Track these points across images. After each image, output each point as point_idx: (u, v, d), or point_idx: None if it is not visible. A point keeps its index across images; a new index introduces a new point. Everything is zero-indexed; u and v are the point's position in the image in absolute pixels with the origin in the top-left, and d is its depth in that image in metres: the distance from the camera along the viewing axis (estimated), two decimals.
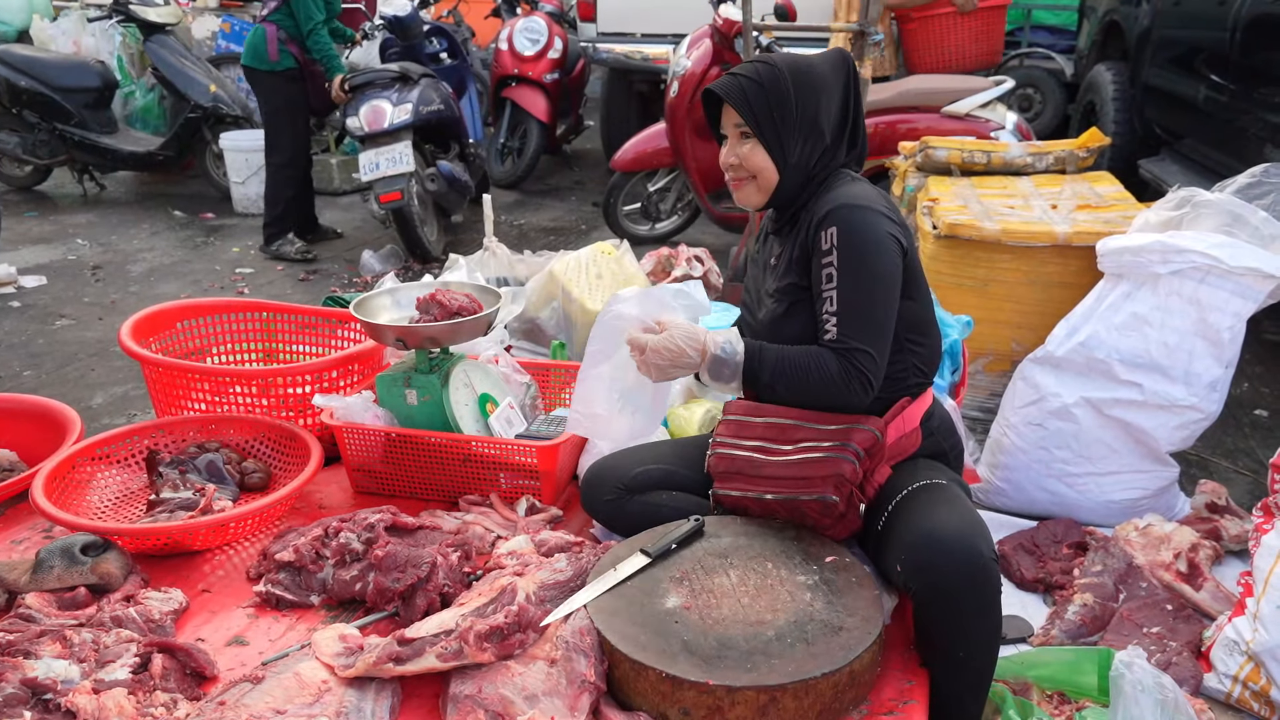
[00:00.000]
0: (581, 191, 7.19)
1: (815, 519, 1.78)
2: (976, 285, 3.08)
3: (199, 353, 2.68)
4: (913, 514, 1.66)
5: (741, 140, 1.83)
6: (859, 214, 1.73)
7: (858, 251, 1.71)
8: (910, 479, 1.76)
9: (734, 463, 1.84)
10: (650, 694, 1.51)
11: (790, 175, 1.82)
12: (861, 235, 1.72)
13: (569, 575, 1.75)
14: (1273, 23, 4.14)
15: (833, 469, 1.73)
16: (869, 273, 1.71)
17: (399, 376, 2.24)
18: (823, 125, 1.81)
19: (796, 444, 1.78)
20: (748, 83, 1.79)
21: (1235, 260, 2.54)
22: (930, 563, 1.57)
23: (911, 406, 1.85)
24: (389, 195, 4.93)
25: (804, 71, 1.80)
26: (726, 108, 1.84)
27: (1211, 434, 3.21)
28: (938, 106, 4.69)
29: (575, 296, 3.28)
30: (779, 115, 1.78)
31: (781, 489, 1.78)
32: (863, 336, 1.70)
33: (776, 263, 1.90)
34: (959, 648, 1.60)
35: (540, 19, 6.86)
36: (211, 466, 2.23)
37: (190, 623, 1.79)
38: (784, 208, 1.88)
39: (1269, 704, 2.06)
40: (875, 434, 1.75)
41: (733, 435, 1.86)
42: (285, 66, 5.16)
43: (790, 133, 1.79)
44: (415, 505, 2.18)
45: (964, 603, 1.56)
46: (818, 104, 1.80)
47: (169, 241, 5.88)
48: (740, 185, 1.87)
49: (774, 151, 1.80)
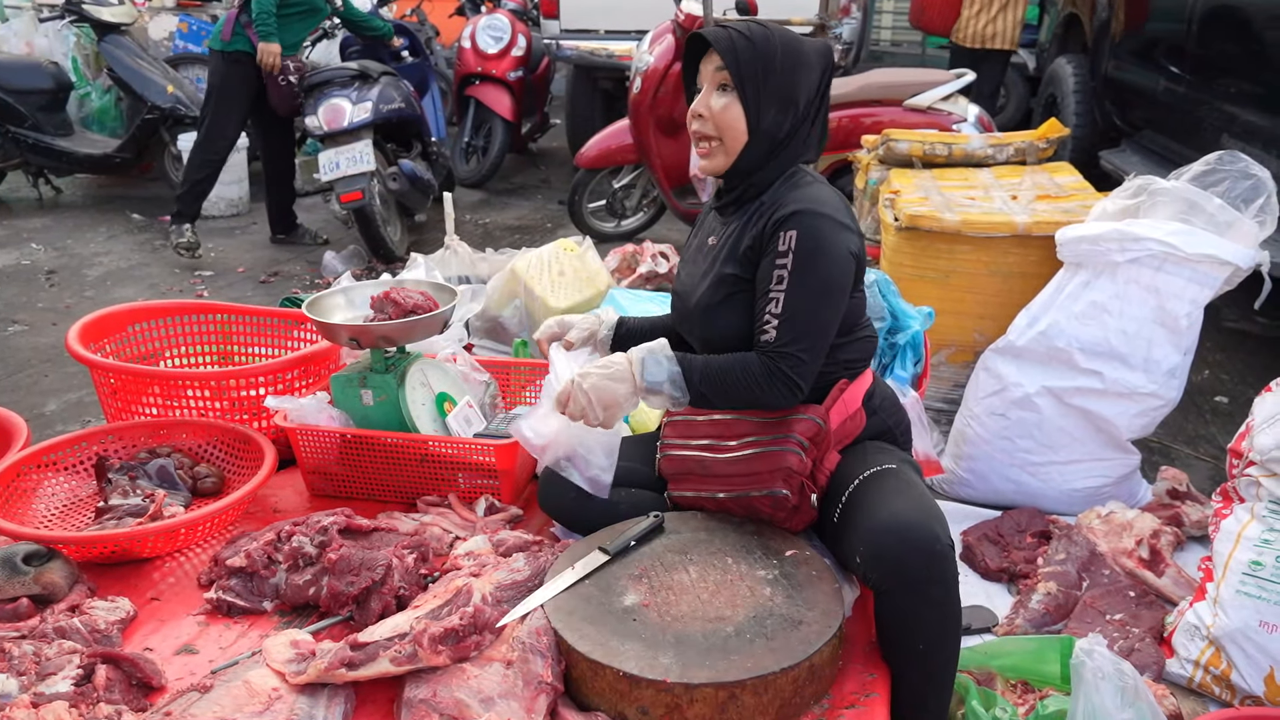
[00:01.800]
0: (547, 190, 7.15)
1: (769, 513, 1.77)
2: (938, 277, 3.08)
3: (152, 356, 2.63)
4: (868, 503, 1.65)
5: (718, 93, 1.79)
6: (823, 223, 1.71)
7: (813, 260, 1.69)
8: (861, 466, 1.74)
9: (684, 464, 1.84)
10: (608, 693, 1.49)
11: (757, 141, 1.78)
12: (820, 245, 1.70)
13: (527, 575, 1.72)
14: (1228, 15, 4.19)
15: (779, 463, 1.73)
16: (820, 283, 1.70)
17: (354, 377, 2.20)
18: (798, 99, 1.79)
19: (741, 438, 1.78)
20: (738, 36, 1.76)
21: (1192, 247, 2.56)
22: (888, 552, 1.55)
23: (851, 388, 1.84)
24: (350, 195, 4.87)
25: (792, 43, 1.78)
26: (708, 59, 1.80)
27: (1173, 421, 3.24)
28: (900, 100, 4.69)
29: (538, 294, 3.25)
30: (762, 75, 1.75)
31: (732, 487, 1.78)
32: (800, 343, 1.69)
33: (717, 244, 1.87)
34: (919, 639, 1.58)
35: (503, 16, 6.82)
36: (163, 472, 2.18)
37: (138, 632, 1.75)
38: (738, 178, 1.84)
39: (1230, 688, 2.07)
40: (817, 422, 1.76)
41: (679, 436, 1.86)
42: (234, 49, 5.05)
43: (769, 96, 1.76)
44: (372, 507, 2.14)
45: (923, 591, 1.55)
46: (798, 77, 1.78)
47: (126, 245, 5.78)
48: (708, 146, 1.82)
49: (749, 110, 1.76)
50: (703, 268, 1.88)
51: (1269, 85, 3.82)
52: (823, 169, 4.57)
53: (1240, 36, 4.06)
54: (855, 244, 1.75)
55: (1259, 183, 2.63)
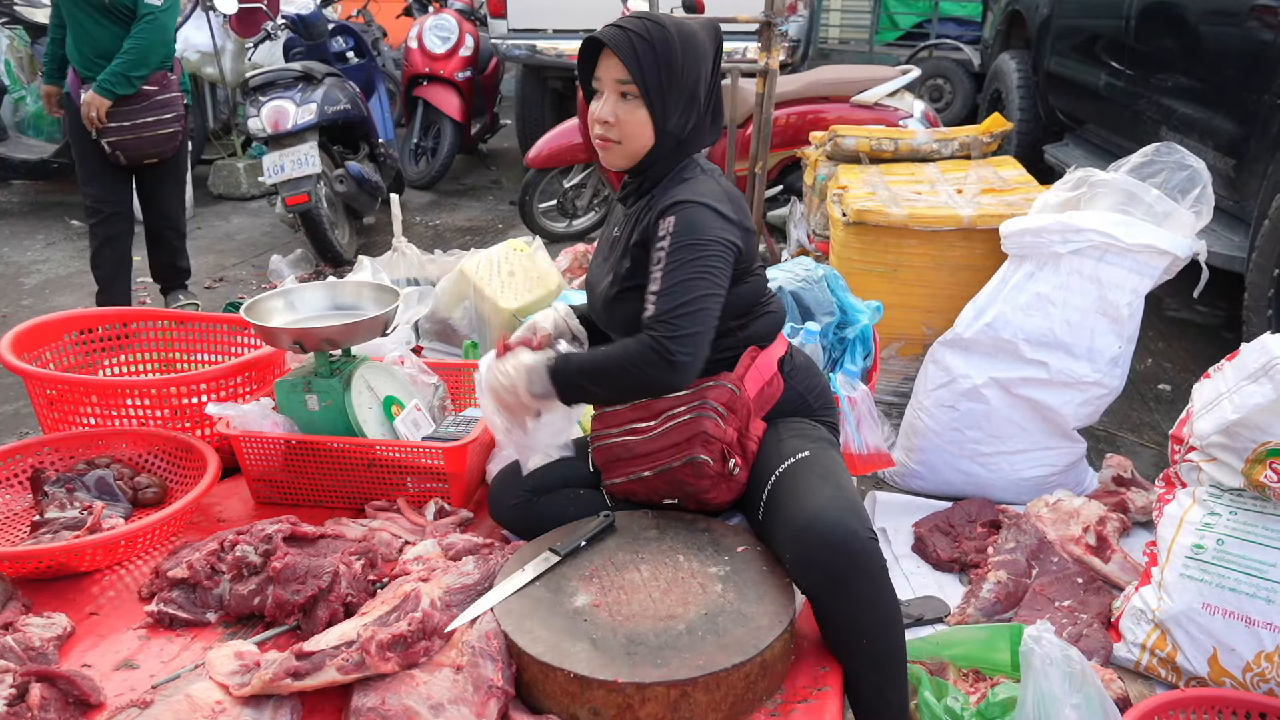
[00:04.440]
0: (499, 190, 7.11)
1: (693, 484, 1.77)
2: (886, 271, 3.10)
3: (90, 365, 2.56)
4: (787, 504, 1.66)
5: (621, 99, 1.76)
6: (699, 210, 1.71)
7: (690, 242, 1.69)
8: (777, 458, 1.75)
9: (610, 451, 1.84)
10: (559, 695, 1.47)
11: (664, 141, 1.78)
12: (696, 229, 1.70)
13: (476, 578, 1.70)
14: (1164, 10, 4.27)
15: (695, 429, 1.74)
16: (697, 263, 1.69)
17: (298, 381, 2.16)
18: (700, 94, 1.78)
19: (659, 416, 1.79)
20: (639, 40, 1.72)
21: (1131, 238, 2.60)
22: (810, 556, 1.56)
23: (763, 355, 1.85)
24: (295, 198, 4.80)
25: (689, 36, 1.76)
26: (606, 61, 1.76)
27: (1118, 409, 3.29)
28: (847, 96, 4.73)
29: (488, 295, 3.22)
30: (666, 77, 1.73)
31: (655, 462, 1.78)
32: (677, 314, 1.67)
33: (619, 235, 1.88)
34: (861, 634, 1.58)
35: (450, 16, 6.75)
36: (101, 483, 2.13)
37: (76, 648, 1.70)
38: (638, 172, 1.84)
39: (1175, 670, 2.10)
40: (730, 388, 1.77)
41: (604, 426, 1.87)
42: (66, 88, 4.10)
43: (674, 98, 1.75)
44: (320, 514, 2.11)
45: (853, 589, 1.55)
46: (699, 72, 1.77)
47: (65, 252, 5.64)
48: (608, 146, 1.80)
49: (655, 114, 1.75)
50: (607, 261, 1.89)
51: (1203, 79, 3.90)
52: (771, 165, 4.59)
53: (1176, 31, 4.14)
54: (735, 235, 1.74)
55: (1195, 173, 2.69)
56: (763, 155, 4.02)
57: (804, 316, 2.66)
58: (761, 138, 3.98)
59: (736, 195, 1.82)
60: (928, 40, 8.40)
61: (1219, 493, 2.13)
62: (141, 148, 4.01)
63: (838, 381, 2.45)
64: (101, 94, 3.82)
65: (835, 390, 2.37)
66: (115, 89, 3.84)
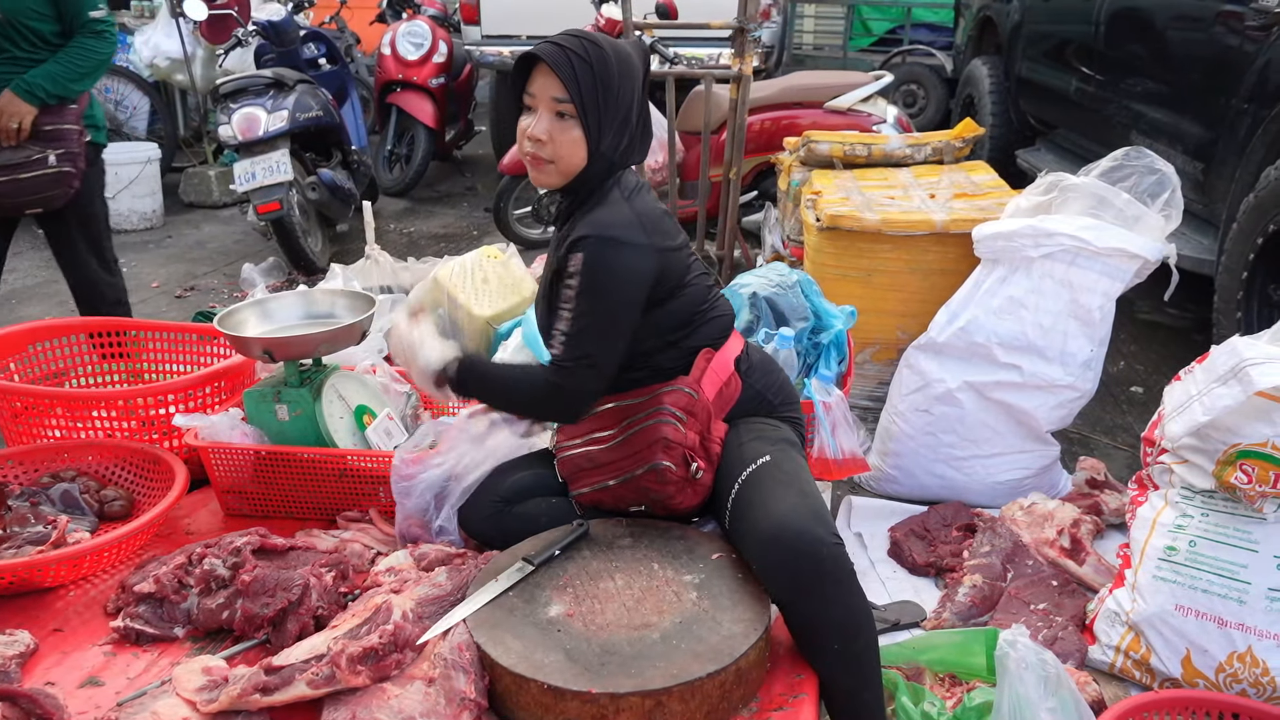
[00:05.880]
0: (474, 197, 7.08)
1: (658, 490, 1.77)
2: (861, 276, 3.11)
3: (57, 376, 2.52)
4: (751, 513, 1.65)
5: (557, 117, 1.73)
6: (607, 247, 1.70)
7: (597, 283, 1.69)
8: (739, 463, 1.74)
9: (574, 463, 1.85)
10: (533, 707, 1.46)
11: (596, 162, 1.76)
12: (605, 268, 1.70)
13: (449, 589, 1.68)
14: (1132, 15, 4.31)
15: (655, 435, 1.75)
16: (606, 305, 1.70)
17: (268, 391, 2.14)
18: (632, 116, 1.78)
19: (619, 424, 1.80)
20: (578, 60, 1.70)
21: (1102, 241, 2.62)
22: (776, 564, 1.57)
23: (718, 356, 1.85)
24: (267, 206, 4.75)
25: (624, 58, 1.75)
26: (542, 78, 1.72)
27: (1091, 412, 3.31)
28: (820, 102, 4.75)
29: (461, 302, 3.19)
30: (603, 100, 1.72)
31: (619, 471, 1.79)
32: (582, 362, 1.70)
33: (550, 268, 1.88)
34: (832, 639, 1.58)
35: (423, 23, 6.72)
36: (67, 496, 2.09)
37: (39, 666, 1.66)
38: (568, 194, 1.83)
39: (1150, 671, 2.11)
40: (687, 392, 1.78)
41: (566, 438, 1.87)
42: None
43: (609, 120, 1.74)
44: (291, 525, 2.08)
45: (821, 594, 1.55)
46: (633, 93, 1.77)
47: (32, 262, 5.56)
48: (540, 166, 1.78)
49: (590, 135, 1.73)
50: (546, 299, 1.88)
51: (1172, 84, 3.94)
52: (746, 171, 4.59)
53: (1145, 37, 4.18)
54: (649, 261, 1.72)
55: (1164, 177, 2.71)
56: (737, 161, 4.02)
57: (778, 322, 2.65)
58: (736, 143, 3.98)
59: (654, 213, 1.79)
60: (901, 46, 8.45)
61: (1190, 494, 2.14)
62: (14, 194, 2.97)
63: (812, 387, 2.44)
64: (25, 97, 2.90)
65: (810, 395, 2.36)
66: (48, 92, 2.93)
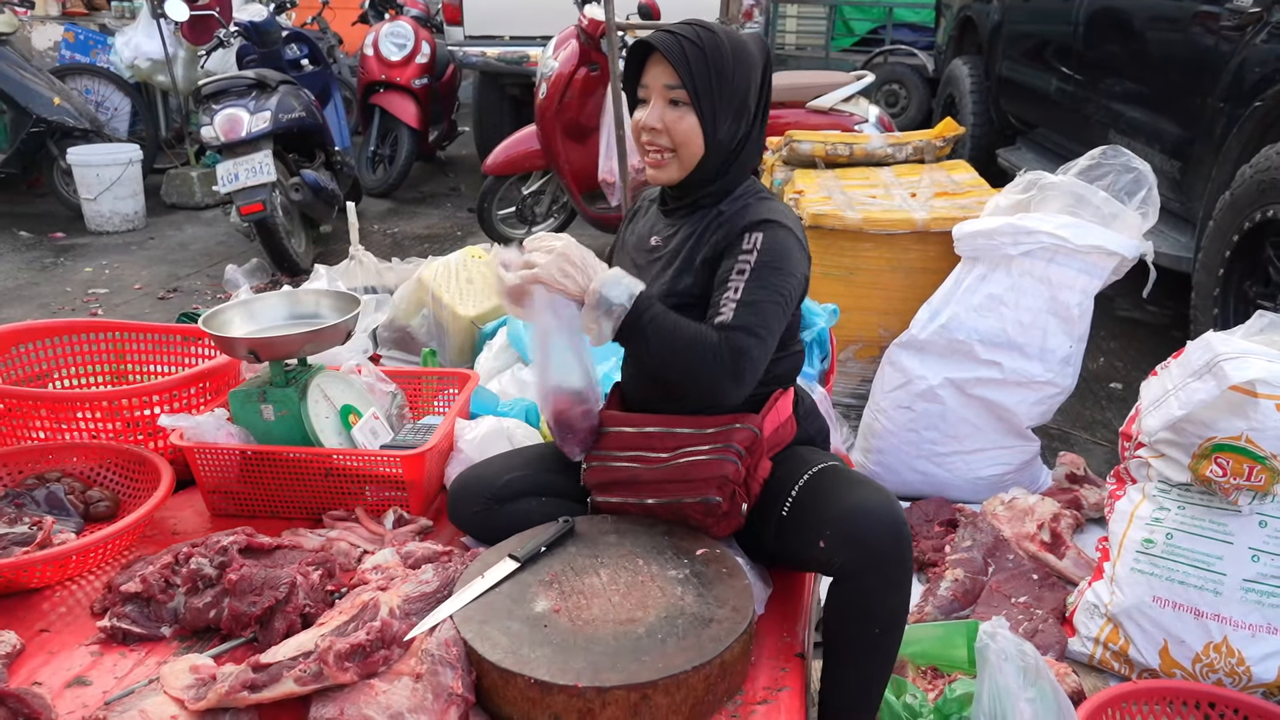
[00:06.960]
0: (458, 198, 7.08)
1: (698, 519, 1.75)
2: (843, 274, 3.14)
3: (40, 378, 2.51)
4: (830, 492, 1.65)
5: (670, 106, 1.71)
6: (789, 237, 1.70)
7: (775, 264, 1.67)
8: (803, 465, 1.74)
9: (611, 474, 1.80)
10: (520, 702, 1.47)
11: (714, 152, 1.73)
12: (783, 254, 1.68)
13: (435, 586, 1.69)
14: (1111, 16, 4.36)
15: (715, 470, 1.70)
16: (777, 286, 1.67)
17: (253, 391, 2.14)
18: (750, 103, 1.75)
19: (674, 451, 1.74)
20: (689, 45, 1.68)
21: (1080, 239, 2.65)
22: (859, 532, 1.55)
23: (783, 398, 1.84)
24: (250, 207, 4.74)
25: (739, 45, 1.72)
26: (653, 67, 1.71)
27: (1070, 408, 3.35)
28: (803, 102, 4.78)
29: (446, 302, 3.22)
30: (717, 85, 1.69)
31: (664, 494, 1.74)
32: (754, 330, 1.63)
33: (661, 245, 1.82)
34: (876, 623, 1.59)
35: (406, 23, 6.73)
36: (52, 498, 2.09)
37: (25, 666, 1.66)
38: (691, 187, 1.79)
39: (1128, 662, 2.14)
40: (755, 431, 1.73)
41: (608, 448, 1.81)
42: None
43: (724, 107, 1.71)
44: (277, 525, 2.08)
45: (889, 570, 1.56)
46: (749, 81, 1.73)
47: (14, 264, 5.53)
48: (661, 162, 1.74)
49: (705, 123, 1.71)
50: (646, 266, 1.82)
51: (1150, 83, 3.99)
52: None
53: (1123, 37, 4.23)
54: (806, 268, 1.74)
55: (1140, 175, 2.74)
56: None
57: None
58: None
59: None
60: (882, 46, 8.50)
61: (1167, 488, 2.17)
62: None
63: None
64: None
65: None
66: None
